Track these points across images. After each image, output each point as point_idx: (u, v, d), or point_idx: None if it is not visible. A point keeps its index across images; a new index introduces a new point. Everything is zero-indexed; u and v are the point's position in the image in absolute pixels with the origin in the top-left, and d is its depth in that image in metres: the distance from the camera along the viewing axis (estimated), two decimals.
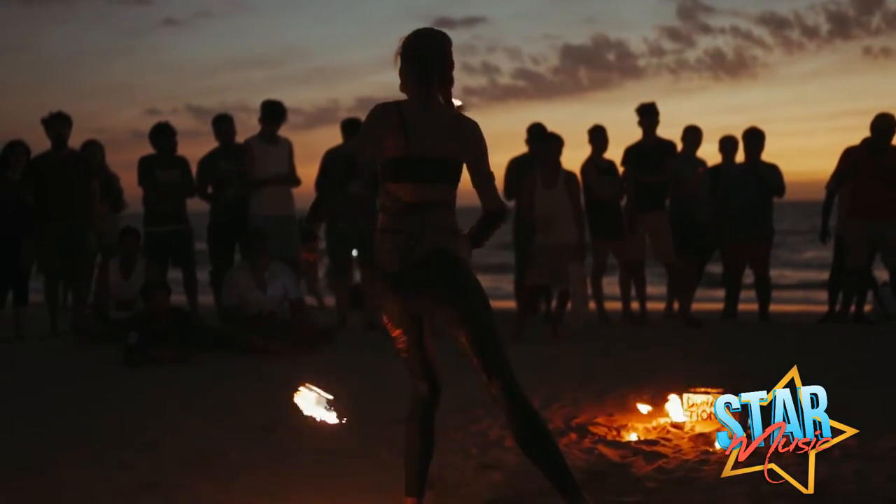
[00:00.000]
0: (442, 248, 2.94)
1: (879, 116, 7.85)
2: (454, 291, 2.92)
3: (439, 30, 3.06)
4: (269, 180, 7.51)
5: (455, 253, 2.96)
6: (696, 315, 8.11)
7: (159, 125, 7.82)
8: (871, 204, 7.79)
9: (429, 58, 2.99)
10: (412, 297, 2.98)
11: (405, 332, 3.02)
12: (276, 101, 7.71)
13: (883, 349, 6.59)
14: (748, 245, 8.12)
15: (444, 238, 2.96)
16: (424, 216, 2.94)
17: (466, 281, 2.95)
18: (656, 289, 9.80)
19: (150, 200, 7.78)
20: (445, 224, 2.98)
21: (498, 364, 2.87)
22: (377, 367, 6.11)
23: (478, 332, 2.89)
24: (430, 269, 2.93)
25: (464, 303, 2.90)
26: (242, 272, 6.94)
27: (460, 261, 2.97)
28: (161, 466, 3.90)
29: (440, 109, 3.02)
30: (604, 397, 5.00)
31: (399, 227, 2.95)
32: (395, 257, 2.95)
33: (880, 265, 8.31)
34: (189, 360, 6.34)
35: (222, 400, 5.20)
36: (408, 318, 3.01)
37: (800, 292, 16.07)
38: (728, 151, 8.35)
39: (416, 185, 2.95)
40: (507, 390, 2.86)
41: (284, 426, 4.54)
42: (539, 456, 2.90)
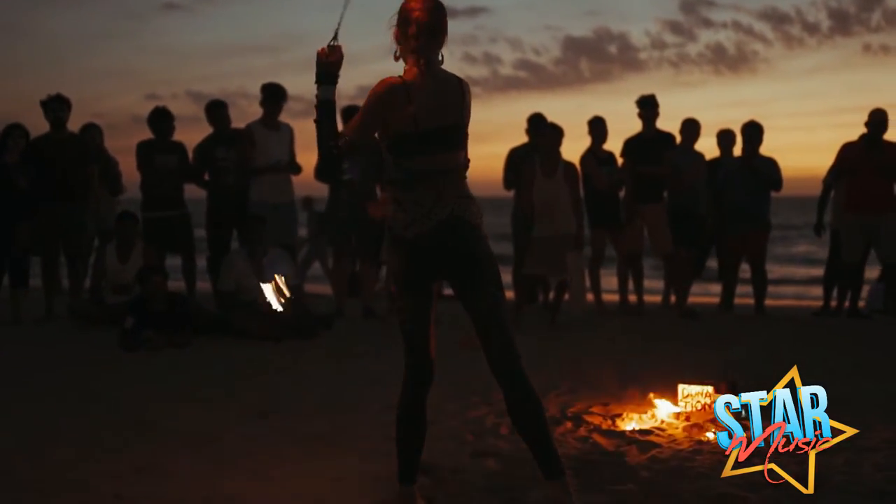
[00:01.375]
0: (457, 214, 2.95)
1: (873, 112, 7.94)
2: (469, 260, 2.95)
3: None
4: (270, 168, 7.49)
5: (471, 220, 2.97)
6: (693, 307, 8.13)
7: (157, 109, 7.81)
8: (867, 198, 7.84)
9: (437, 29, 2.97)
10: (425, 264, 2.98)
11: (412, 301, 3.01)
12: (276, 84, 7.68)
13: (876, 343, 6.61)
14: (745, 238, 8.15)
15: (460, 204, 2.97)
16: (438, 184, 2.95)
17: (482, 251, 2.97)
18: (653, 282, 9.81)
19: (148, 185, 7.77)
20: (459, 190, 2.98)
21: (501, 339, 2.92)
22: (374, 355, 6.13)
23: (486, 305, 2.93)
24: (445, 236, 2.94)
25: (477, 272, 2.94)
26: (240, 258, 6.94)
27: (476, 228, 2.98)
28: (158, 450, 3.91)
29: (441, 76, 3.00)
30: (599, 387, 5.01)
31: (413, 196, 2.96)
32: (410, 225, 2.96)
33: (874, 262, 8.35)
34: (186, 346, 6.35)
35: (219, 385, 5.21)
36: (417, 286, 3.00)
37: (790, 287, 16.00)
38: (726, 145, 8.37)
39: (427, 157, 2.96)
40: (507, 365, 2.92)
41: (281, 412, 4.56)
42: (528, 433, 2.96)
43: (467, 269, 2.96)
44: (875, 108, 8.00)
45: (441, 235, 2.95)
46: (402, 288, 3.02)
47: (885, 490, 3.25)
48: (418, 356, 3.07)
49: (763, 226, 8.24)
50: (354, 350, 6.30)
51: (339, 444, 4.00)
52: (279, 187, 7.56)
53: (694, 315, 7.87)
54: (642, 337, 6.80)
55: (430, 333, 3.06)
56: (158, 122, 7.77)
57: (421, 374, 3.08)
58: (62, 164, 7.44)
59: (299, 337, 6.60)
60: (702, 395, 4.52)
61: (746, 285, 8.59)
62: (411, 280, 3.01)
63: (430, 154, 2.96)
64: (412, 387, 3.09)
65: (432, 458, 3.55)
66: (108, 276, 7.29)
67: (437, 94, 2.97)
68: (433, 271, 3.00)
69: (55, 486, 3.45)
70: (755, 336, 6.88)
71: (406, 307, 3.03)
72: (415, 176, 2.97)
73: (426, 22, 2.94)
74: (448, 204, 2.95)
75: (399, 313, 3.06)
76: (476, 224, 2.99)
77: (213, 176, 7.75)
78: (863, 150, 7.93)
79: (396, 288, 3.05)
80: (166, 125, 7.78)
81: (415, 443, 3.09)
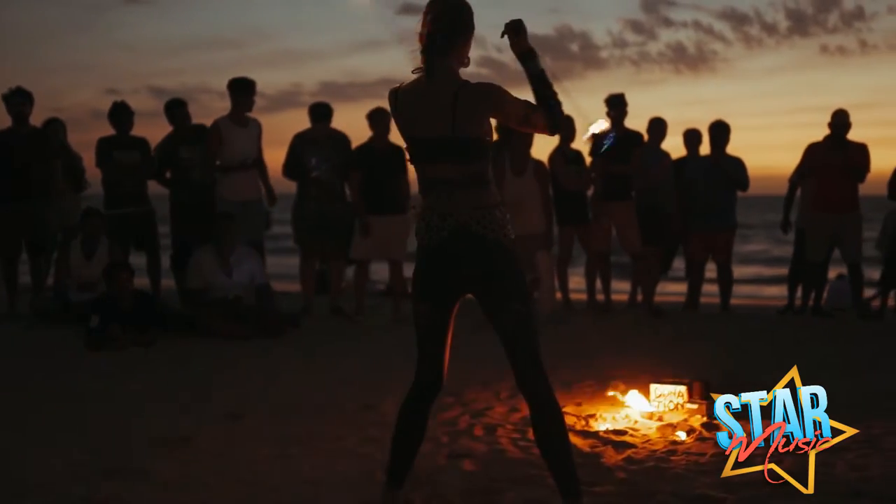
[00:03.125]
0: (470, 226, 2.87)
1: (836, 113, 8.08)
2: (486, 275, 2.88)
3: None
4: (236, 168, 7.39)
5: (487, 232, 2.87)
6: (660, 306, 8.19)
7: (117, 104, 7.68)
8: (832, 198, 7.97)
9: (434, 34, 2.88)
10: (440, 275, 2.93)
11: (422, 308, 2.96)
12: (246, 78, 7.58)
13: (842, 340, 6.71)
14: (711, 237, 8.23)
15: (475, 216, 2.87)
16: (449, 193, 2.88)
17: (500, 265, 2.88)
18: (620, 282, 9.84)
19: (110, 182, 7.64)
20: (475, 201, 2.88)
21: (526, 358, 2.88)
22: (344, 353, 6.09)
23: (511, 324, 2.88)
24: (458, 249, 2.88)
25: (496, 288, 2.88)
26: (208, 256, 6.84)
27: (494, 241, 2.88)
28: (125, 452, 3.84)
29: (436, 86, 2.87)
30: (571, 387, 5.02)
31: (427, 203, 2.93)
32: (424, 233, 2.93)
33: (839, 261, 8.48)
34: (152, 344, 6.25)
35: (187, 385, 5.14)
36: (430, 296, 2.95)
37: (746, 287, 16.14)
38: (692, 144, 8.44)
39: (422, 164, 2.94)
40: (530, 386, 2.90)
41: (252, 413, 4.50)
42: (548, 452, 2.93)
43: (485, 285, 2.89)
44: (837, 109, 8.14)
45: (454, 247, 2.88)
46: (415, 294, 2.99)
47: (860, 490, 3.28)
48: (424, 365, 3.01)
49: (729, 225, 8.33)
50: (324, 349, 6.25)
51: (315, 446, 3.95)
52: (247, 184, 7.47)
53: (661, 314, 7.93)
54: (612, 336, 6.83)
55: (442, 346, 2.98)
56: (118, 118, 7.64)
57: (425, 383, 3.01)
58: (24, 159, 7.28)
59: (267, 335, 6.53)
60: (674, 395, 4.56)
61: (709, 284, 8.68)
62: (425, 289, 2.96)
63: (430, 162, 2.92)
64: (415, 394, 3.03)
65: None
66: (73, 274, 7.16)
67: (420, 105, 2.89)
68: (449, 284, 2.93)
69: (21, 490, 3.37)
70: (723, 335, 6.94)
71: (416, 314, 2.99)
72: (424, 183, 2.95)
73: (424, 30, 2.90)
74: (461, 214, 2.87)
75: (413, 319, 3.02)
76: (495, 236, 2.87)
77: (177, 173, 7.64)
78: (827, 150, 8.05)
79: (412, 292, 3.02)
80: (126, 120, 7.66)
81: (407, 449, 3.05)
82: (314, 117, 7.71)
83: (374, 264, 8.66)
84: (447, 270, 2.92)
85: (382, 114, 7.47)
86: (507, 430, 4.20)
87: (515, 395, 4.83)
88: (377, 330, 7.07)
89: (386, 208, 7.38)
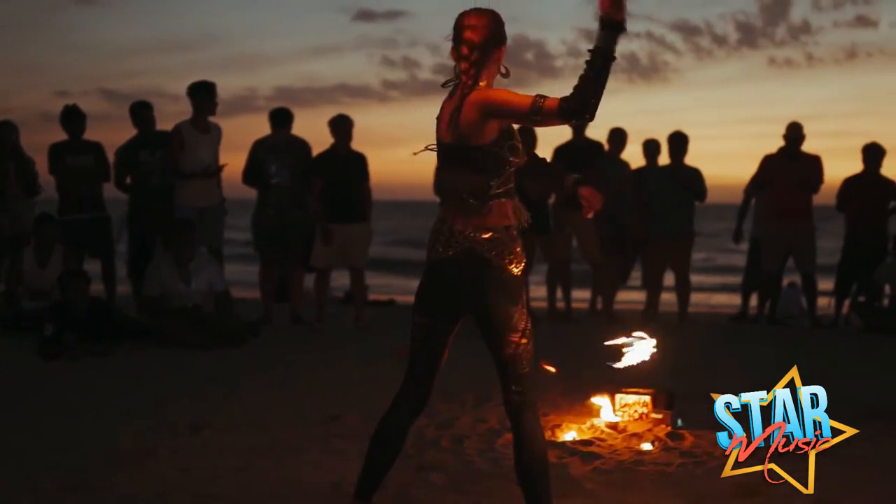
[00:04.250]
0: (472, 249, 2.81)
1: (790, 126, 8.29)
2: (484, 305, 2.83)
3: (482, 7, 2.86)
4: (197, 175, 7.27)
5: (488, 257, 2.80)
6: (619, 314, 8.25)
7: (69, 109, 7.51)
8: (787, 209, 8.14)
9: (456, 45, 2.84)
10: (437, 293, 2.89)
11: (419, 321, 2.93)
12: (208, 82, 7.46)
13: (801, 347, 6.81)
14: (669, 246, 8.32)
15: (478, 240, 2.80)
16: (458, 205, 2.82)
17: (499, 296, 2.80)
18: (579, 291, 9.91)
19: (64, 188, 7.48)
20: (479, 222, 2.80)
21: (516, 387, 2.87)
22: (306, 363, 6.02)
23: (505, 354, 2.85)
24: (457, 272, 2.83)
25: (493, 318, 2.83)
26: (166, 263, 6.72)
27: (493, 267, 2.80)
28: (85, 467, 3.74)
29: (461, 94, 2.82)
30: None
31: (441, 215, 2.89)
32: (433, 245, 2.89)
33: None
34: (108, 354, 6.11)
35: (146, 396, 5.03)
36: (428, 311, 2.91)
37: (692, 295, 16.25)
38: (651, 154, 8.54)
39: (438, 171, 2.94)
40: (516, 413, 2.89)
41: (215, 424, 4.42)
42: (525, 480, 2.91)
43: (482, 314, 2.85)
44: (791, 122, 8.34)
45: (456, 268, 2.83)
46: (415, 306, 2.95)
47: (824, 499, 3.32)
48: (413, 378, 2.96)
49: (687, 234, 8.43)
50: (285, 358, 6.17)
51: (280, 458, 3.89)
52: (207, 190, 7.36)
53: (620, 322, 7.99)
54: (572, 344, 6.85)
55: (435, 364, 2.94)
56: (71, 122, 7.48)
57: (411, 399, 2.97)
58: None
59: (227, 345, 6.43)
60: (639, 405, 4.58)
61: (666, 292, 8.78)
62: (424, 303, 2.93)
63: (442, 168, 2.90)
64: (399, 409, 2.97)
65: None
66: (26, 281, 6.98)
67: (443, 110, 2.88)
68: (448, 303, 2.89)
69: None
70: (683, 343, 6.98)
71: (414, 326, 2.95)
72: (439, 192, 2.93)
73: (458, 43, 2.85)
74: (468, 235, 2.81)
75: (410, 331, 2.97)
76: (499, 263, 2.79)
77: (136, 178, 7.51)
78: (782, 162, 8.22)
79: (413, 304, 2.97)
80: (79, 125, 7.51)
81: (381, 464, 2.99)
82: (274, 123, 7.63)
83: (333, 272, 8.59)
84: (447, 289, 2.88)
85: (344, 120, 7.42)
86: (474, 441, 4.19)
87: (481, 404, 4.82)
88: (339, 338, 7.01)
89: (347, 216, 7.33)
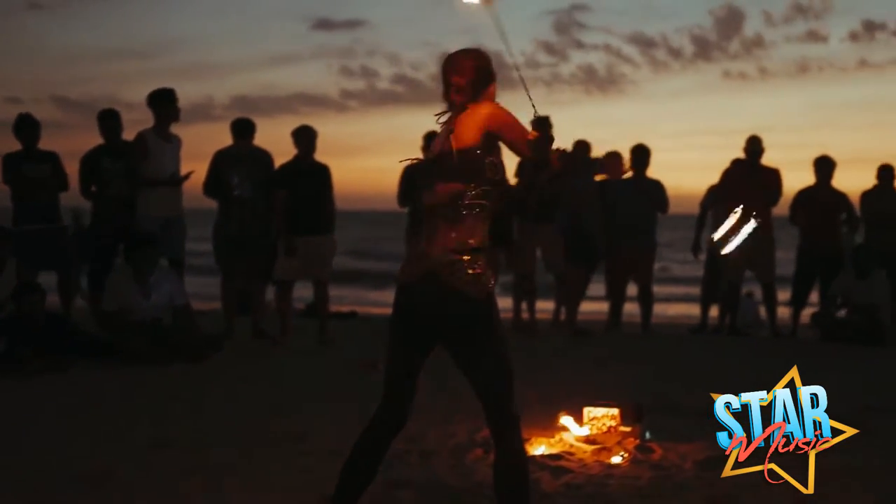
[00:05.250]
0: (441, 275, 2.77)
1: (750, 139, 8.44)
2: (457, 333, 2.81)
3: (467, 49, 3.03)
4: (163, 182, 7.15)
5: (461, 286, 2.76)
6: (583, 326, 8.27)
7: (23, 117, 7.34)
8: None
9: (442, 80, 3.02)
10: (407, 317, 2.87)
11: (392, 343, 2.90)
12: (168, 89, 7.35)
13: (766, 357, 6.88)
14: (632, 258, 8.37)
15: (449, 264, 2.78)
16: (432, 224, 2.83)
17: (473, 324, 2.79)
18: (543, 302, 9.91)
19: (19, 198, 7.30)
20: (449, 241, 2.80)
21: (495, 409, 2.84)
22: (270, 378, 5.93)
23: (481, 380, 2.83)
24: (426, 298, 2.80)
25: (466, 347, 2.81)
26: (125, 277, 6.58)
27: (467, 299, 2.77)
28: (44, 489, 3.62)
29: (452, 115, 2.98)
30: None
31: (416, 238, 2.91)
32: (406, 269, 2.86)
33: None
34: (66, 370, 5.96)
35: (107, 414, 4.90)
36: (398, 334, 2.89)
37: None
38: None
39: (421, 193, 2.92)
40: (498, 432, 2.86)
41: (178, 443, 4.32)
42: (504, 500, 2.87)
43: (455, 341, 2.83)
44: (751, 135, 8.48)
45: (423, 296, 2.81)
46: (390, 331, 2.92)
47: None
48: (387, 400, 2.93)
49: (650, 246, 8.49)
50: (249, 374, 6.07)
51: (246, 477, 3.81)
52: (171, 200, 7.24)
53: (586, 333, 8.01)
54: (538, 356, 6.84)
55: (411, 386, 2.92)
56: (25, 131, 7.32)
57: (388, 420, 2.93)
58: None
59: (188, 360, 6.31)
60: (607, 418, 4.57)
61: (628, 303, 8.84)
62: (395, 325, 2.90)
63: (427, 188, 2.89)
64: (375, 430, 2.94)
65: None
66: None
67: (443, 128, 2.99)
68: (418, 328, 2.86)
69: None
70: (648, 354, 7.05)
71: (388, 346, 2.92)
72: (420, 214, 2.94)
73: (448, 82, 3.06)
74: (434, 258, 2.80)
75: (385, 352, 2.95)
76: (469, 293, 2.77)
77: (98, 186, 7.36)
78: (743, 174, 8.33)
79: (389, 326, 2.94)
80: (33, 133, 7.34)
81: (357, 485, 2.95)
82: (236, 134, 7.52)
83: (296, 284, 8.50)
84: (413, 315, 2.86)
85: (308, 131, 7.34)
86: (443, 456, 4.14)
87: (449, 419, 4.78)
88: (303, 353, 6.92)
89: (311, 228, 7.25)
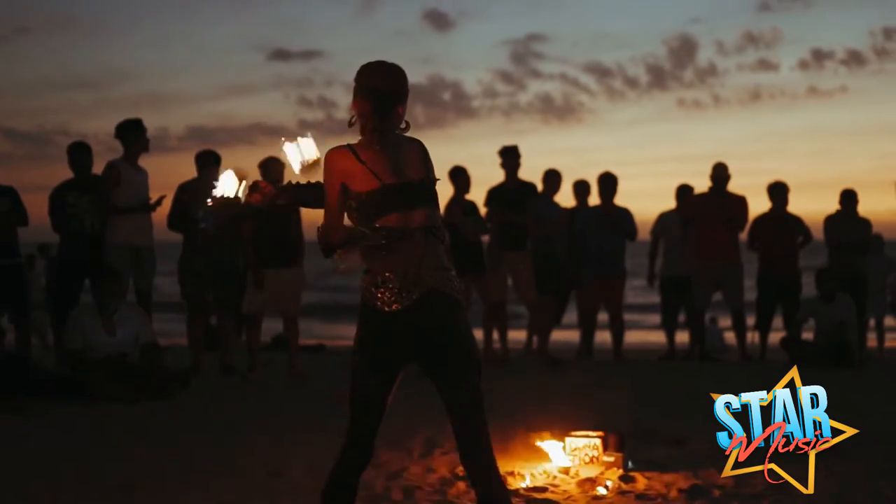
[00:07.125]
0: (438, 288, 2.78)
1: (715, 166, 8.56)
2: (450, 345, 2.78)
3: (382, 63, 2.98)
4: (136, 209, 7.01)
5: (454, 296, 2.82)
6: (556, 355, 8.22)
7: None
8: (715, 247, 8.32)
9: (355, 89, 2.93)
10: (399, 345, 2.80)
11: (372, 380, 2.82)
12: (130, 119, 7.24)
13: (739, 381, 6.84)
14: (602, 285, 8.37)
15: (441, 277, 2.80)
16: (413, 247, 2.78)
17: (463, 333, 2.81)
18: (514, 331, 9.88)
19: None
20: (437, 260, 2.82)
21: (476, 434, 2.77)
22: (241, 415, 5.77)
23: (467, 398, 2.77)
24: (424, 315, 2.77)
25: (458, 359, 2.78)
26: (89, 314, 6.38)
27: (458, 305, 2.82)
28: None
29: (396, 141, 2.93)
30: None
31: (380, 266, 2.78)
32: (390, 297, 2.77)
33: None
34: (22, 411, 5.72)
35: (70, 456, 4.70)
36: (382, 367, 2.82)
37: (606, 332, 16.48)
38: (581, 194, 8.62)
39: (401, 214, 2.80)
40: (479, 461, 2.78)
41: (146, 485, 4.15)
42: None
43: (446, 356, 2.79)
44: (717, 162, 8.59)
45: (420, 314, 2.77)
46: (366, 365, 2.82)
47: None
48: (359, 435, 2.86)
49: (619, 273, 8.50)
50: (220, 411, 5.90)
51: None
52: (141, 229, 7.10)
53: (559, 362, 7.95)
54: (513, 386, 6.75)
55: (379, 418, 2.87)
56: None
57: (357, 453, 2.87)
58: None
59: (155, 397, 6.12)
60: (589, 448, 4.49)
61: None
62: (378, 359, 2.82)
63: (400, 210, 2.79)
64: (345, 464, 2.86)
65: None
66: None
67: (390, 158, 2.87)
68: (405, 354, 2.82)
69: None
70: (621, 381, 6.99)
71: (362, 385, 2.83)
72: (394, 234, 2.78)
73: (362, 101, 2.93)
74: (429, 276, 2.78)
75: (352, 385, 2.86)
76: (458, 300, 2.83)
77: (65, 222, 7.19)
78: (710, 201, 8.40)
79: (358, 361, 2.83)
80: None
81: None
82: (200, 166, 7.40)
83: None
84: (407, 340, 2.80)
85: (275, 163, 7.22)
86: (426, 492, 4.02)
87: (429, 452, 4.67)
88: (273, 388, 6.76)
89: (279, 261, 7.12)
